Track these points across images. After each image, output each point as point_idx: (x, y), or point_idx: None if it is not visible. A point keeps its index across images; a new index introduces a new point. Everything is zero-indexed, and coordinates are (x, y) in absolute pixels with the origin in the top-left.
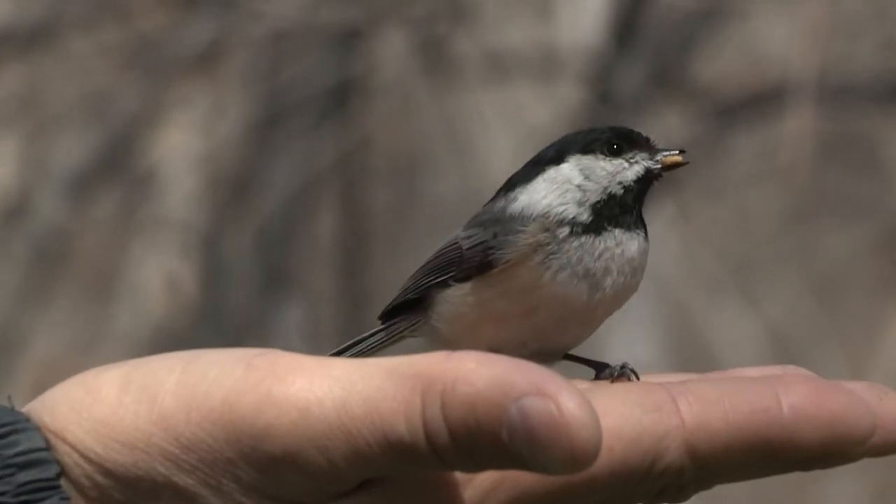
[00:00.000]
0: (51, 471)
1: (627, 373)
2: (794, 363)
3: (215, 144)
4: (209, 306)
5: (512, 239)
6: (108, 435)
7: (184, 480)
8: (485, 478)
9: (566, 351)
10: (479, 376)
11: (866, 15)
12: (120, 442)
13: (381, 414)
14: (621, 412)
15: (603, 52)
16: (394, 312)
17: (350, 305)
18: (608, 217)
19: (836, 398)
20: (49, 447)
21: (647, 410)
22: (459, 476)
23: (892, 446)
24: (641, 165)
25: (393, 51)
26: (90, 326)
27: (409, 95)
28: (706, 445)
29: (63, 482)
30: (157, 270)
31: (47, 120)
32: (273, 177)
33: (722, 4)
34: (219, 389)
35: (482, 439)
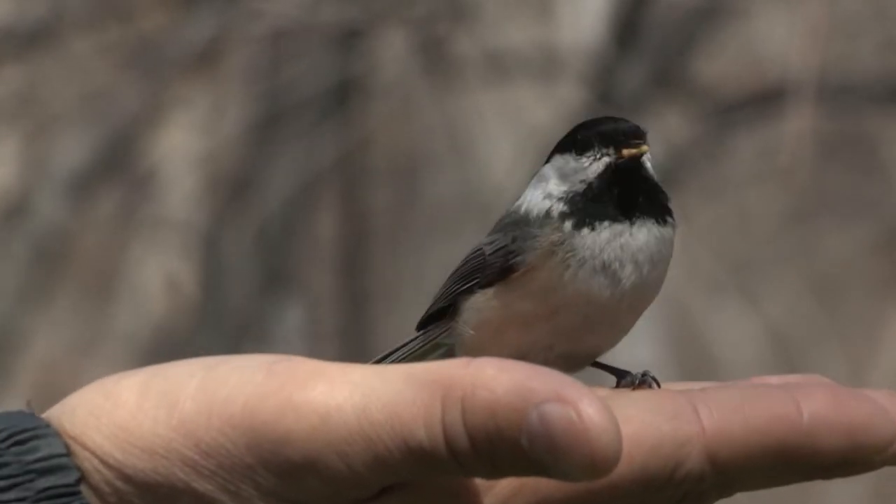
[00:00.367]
0: (70, 476)
1: (649, 380)
2: (794, 363)
3: (215, 144)
4: (209, 306)
5: (528, 243)
6: (128, 440)
7: (203, 486)
8: (505, 485)
9: (596, 355)
10: (500, 382)
11: (866, 15)
12: (139, 447)
13: (401, 419)
14: (641, 419)
15: (603, 52)
16: (428, 321)
17: (350, 305)
18: (585, 212)
19: (857, 406)
20: (69, 453)
21: (668, 418)
22: (480, 483)
23: None
24: (602, 162)
25: (393, 51)
26: (90, 326)
27: (410, 95)
28: (727, 452)
29: (83, 488)
30: (157, 270)
31: (47, 120)
32: (273, 177)
33: (722, 4)
34: (239, 395)
35: (502, 445)
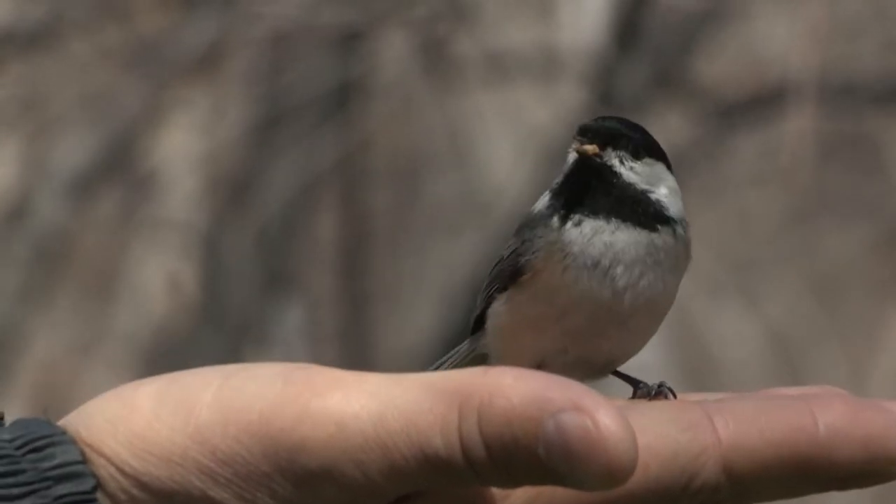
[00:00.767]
0: (87, 484)
1: (665, 391)
2: (795, 363)
3: (216, 145)
4: (209, 306)
5: (534, 245)
6: (144, 448)
7: (219, 494)
8: (520, 494)
9: (613, 363)
10: (516, 391)
11: (867, 15)
12: (156, 455)
13: (418, 428)
14: (658, 430)
15: (604, 53)
16: (477, 327)
17: (350, 306)
18: (565, 204)
19: (873, 417)
20: (85, 460)
21: (684, 428)
22: (496, 492)
23: None
24: (571, 156)
25: (394, 52)
26: (90, 326)
27: (410, 97)
28: (742, 463)
29: (99, 495)
30: (158, 270)
31: (48, 121)
32: (274, 178)
33: (722, 5)
34: (256, 403)
35: (518, 454)
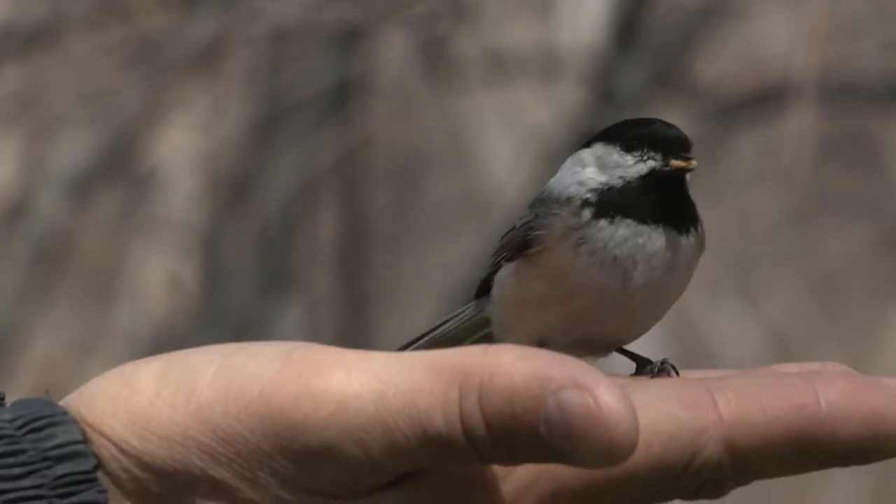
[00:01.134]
0: (88, 464)
1: (668, 368)
2: (795, 363)
3: (216, 144)
4: (209, 306)
5: (546, 221)
6: (146, 427)
7: (220, 473)
8: (523, 472)
9: (617, 344)
10: (517, 369)
11: (867, 15)
12: (157, 434)
13: (419, 407)
14: (659, 408)
15: (604, 53)
16: (482, 291)
17: (350, 306)
18: (612, 205)
19: (875, 395)
20: (86, 440)
21: (686, 406)
22: (498, 470)
23: None
24: (648, 165)
25: (394, 51)
26: (90, 326)
27: (410, 96)
28: (745, 441)
29: (100, 475)
30: (157, 270)
31: (48, 120)
32: (273, 177)
33: (722, 4)
34: (257, 382)
35: (519, 432)
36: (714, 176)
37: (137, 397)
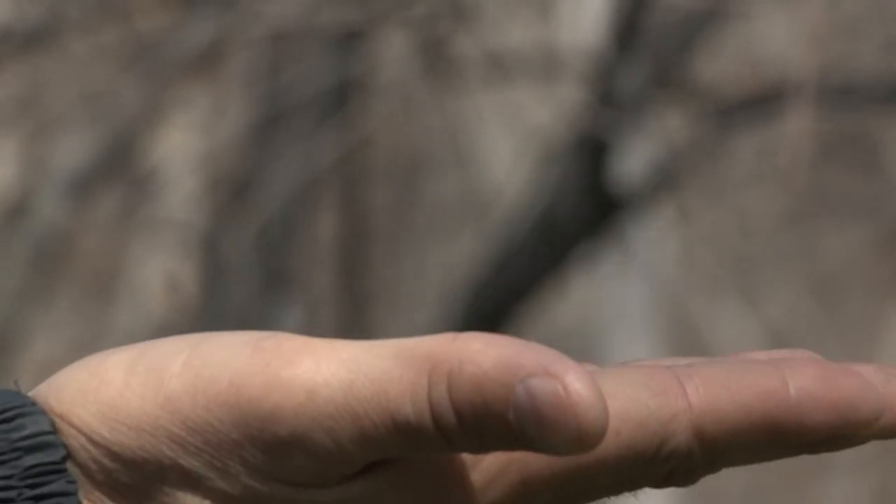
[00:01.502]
0: (57, 454)
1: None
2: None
3: (215, 145)
4: (209, 306)
5: None
6: (115, 418)
7: (190, 462)
8: (492, 460)
9: None
10: (487, 357)
11: (866, 15)
12: (126, 425)
13: (388, 395)
14: (628, 395)
15: (603, 53)
16: None
17: (350, 306)
18: None
19: (844, 381)
20: (55, 430)
21: (655, 393)
22: (467, 459)
23: None
24: None
25: (393, 51)
26: (90, 326)
27: (410, 96)
28: (713, 428)
29: (69, 465)
30: (157, 270)
31: (48, 120)
32: (273, 177)
33: (722, 5)
34: (225, 372)
35: (489, 420)
36: (713, 176)
37: (106, 388)
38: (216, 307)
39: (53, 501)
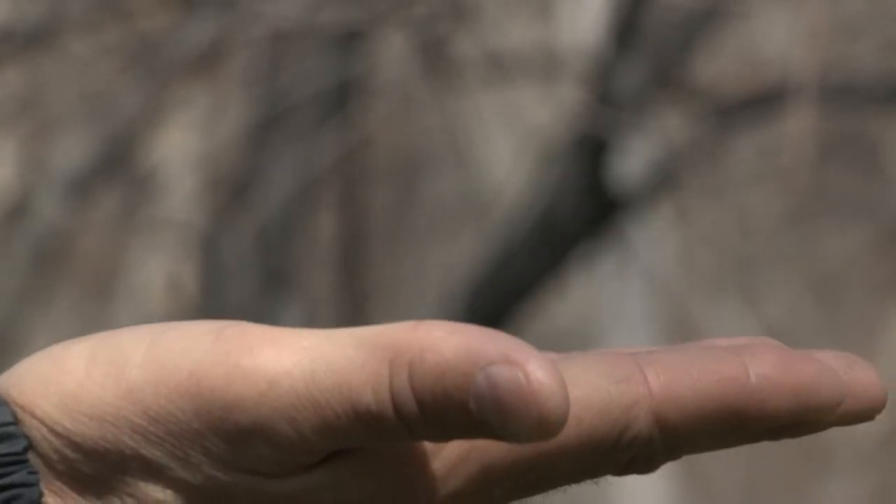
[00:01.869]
0: (18, 445)
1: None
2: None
3: (215, 145)
4: (209, 306)
5: None
6: (76, 408)
7: (152, 452)
8: (453, 448)
9: None
10: (448, 345)
11: (867, 15)
12: (87, 415)
13: (350, 385)
14: (589, 382)
15: (603, 53)
16: None
17: (349, 306)
18: None
19: (805, 367)
20: (16, 421)
21: (616, 381)
22: (428, 447)
23: (861, 415)
24: None
25: (393, 51)
26: (90, 326)
27: (410, 96)
28: (674, 415)
29: (31, 456)
30: (157, 270)
31: (47, 121)
32: (273, 177)
33: (722, 4)
34: (186, 362)
35: (450, 408)
36: (713, 176)
37: (67, 378)
38: (216, 307)
39: (15, 492)
